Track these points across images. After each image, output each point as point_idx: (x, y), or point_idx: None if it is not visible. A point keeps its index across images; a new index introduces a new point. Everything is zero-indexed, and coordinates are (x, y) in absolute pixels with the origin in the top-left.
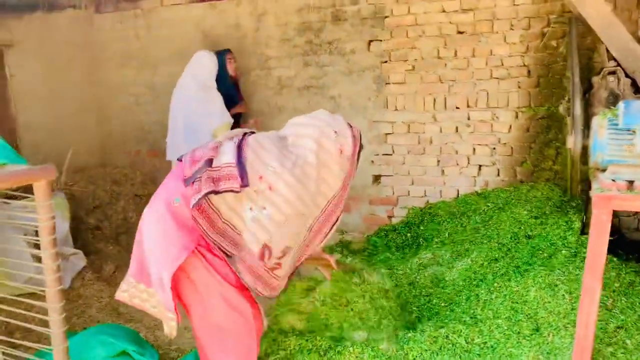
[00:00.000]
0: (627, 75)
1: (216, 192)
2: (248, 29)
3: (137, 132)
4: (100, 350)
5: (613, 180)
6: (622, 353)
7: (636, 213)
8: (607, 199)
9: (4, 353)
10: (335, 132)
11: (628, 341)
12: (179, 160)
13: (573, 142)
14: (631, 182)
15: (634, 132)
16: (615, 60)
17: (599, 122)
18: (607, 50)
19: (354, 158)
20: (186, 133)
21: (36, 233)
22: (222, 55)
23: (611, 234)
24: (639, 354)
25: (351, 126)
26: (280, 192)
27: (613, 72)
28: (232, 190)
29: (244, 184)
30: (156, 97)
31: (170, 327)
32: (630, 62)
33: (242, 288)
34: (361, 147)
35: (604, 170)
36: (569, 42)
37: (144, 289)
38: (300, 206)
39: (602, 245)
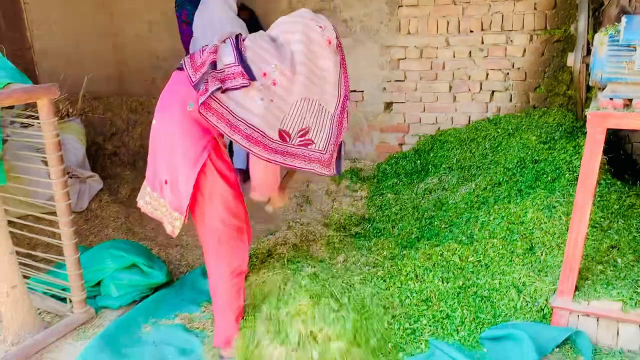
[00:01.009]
0: None
1: (223, 91)
2: None
3: (151, 60)
4: (110, 262)
5: (611, 99)
6: (611, 270)
7: None
8: (602, 117)
9: (25, 265)
10: (321, 27)
11: (619, 260)
12: (179, 69)
13: (573, 59)
14: (630, 100)
15: (634, 48)
16: None
17: (599, 38)
18: None
19: (341, 48)
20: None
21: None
22: None
23: (620, 159)
24: (628, 271)
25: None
26: (284, 86)
27: None
28: (241, 87)
29: (252, 78)
30: (169, 24)
31: (174, 227)
32: None
33: (239, 195)
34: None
35: (603, 89)
36: None
37: (149, 191)
38: (305, 93)
39: (595, 163)
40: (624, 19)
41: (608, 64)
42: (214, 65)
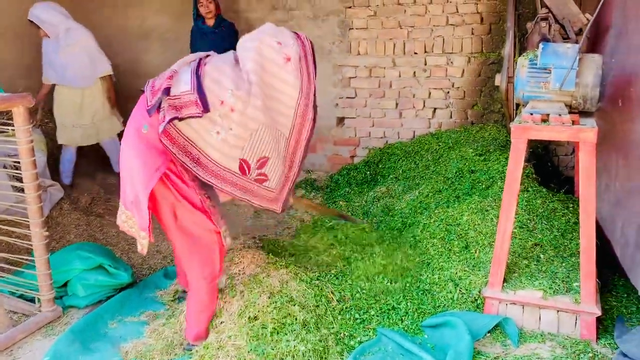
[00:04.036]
0: (557, 22)
1: (180, 119)
2: None
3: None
4: (78, 263)
5: (531, 114)
6: (534, 265)
7: (573, 152)
8: (524, 129)
9: None
10: (279, 43)
11: (542, 255)
12: (142, 91)
13: (500, 79)
14: (548, 115)
15: (549, 70)
16: (547, 7)
17: (521, 62)
18: None
19: (307, 62)
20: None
21: (14, 167)
22: None
23: (547, 170)
24: (548, 265)
25: (298, 35)
26: (242, 111)
27: (545, 19)
28: (195, 116)
29: (205, 109)
30: (128, 40)
31: (142, 245)
32: (560, 9)
33: (204, 211)
34: (314, 53)
35: (525, 105)
36: None
37: (124, 210)
38: (263, 119)
39: (518, 169)
40: (541, 45)
41: (528, 84)
42: (167, 91)
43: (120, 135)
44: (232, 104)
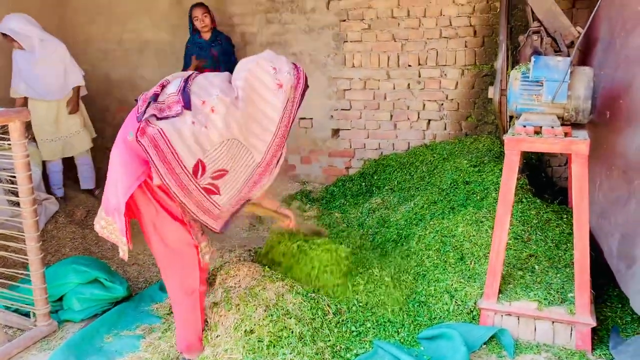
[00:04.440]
0: (548, 35)
1: (158, 118)
2: None
3: (105, 88)
4: (73, 277)
5: (524, 126)
6: (529, 276)
7: (566, 163)
8: (517, 141)
9: None
10: (275, 68)
11: (537, 266)
12: (136, 100)
13: (493, 92)
14: (540, 128)
15: (541, 83)
16: (539, 20)
17: (514, 74)
18: (532, 12)
19: (297, 93)
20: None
21: (10, 181)
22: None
23: (541, 180)
24: (543, 276)
25: (297, 67)
26: (222, 116)
27: (537, 32)
28: (175, 115)
29: (186, 106)
30: (124, 53)
31: (123, 251)
32: (551, 22)
33: (182, 222)
34: (306, 87)
35: (519, 118)
36: (500, 3)
37: (104, 216)
38: (237, 133)
39: (512, 181)
40: (533, 58)
41: (521, 97)
42: (155, 97)
43: (106, 151)
44: (214, 105)
